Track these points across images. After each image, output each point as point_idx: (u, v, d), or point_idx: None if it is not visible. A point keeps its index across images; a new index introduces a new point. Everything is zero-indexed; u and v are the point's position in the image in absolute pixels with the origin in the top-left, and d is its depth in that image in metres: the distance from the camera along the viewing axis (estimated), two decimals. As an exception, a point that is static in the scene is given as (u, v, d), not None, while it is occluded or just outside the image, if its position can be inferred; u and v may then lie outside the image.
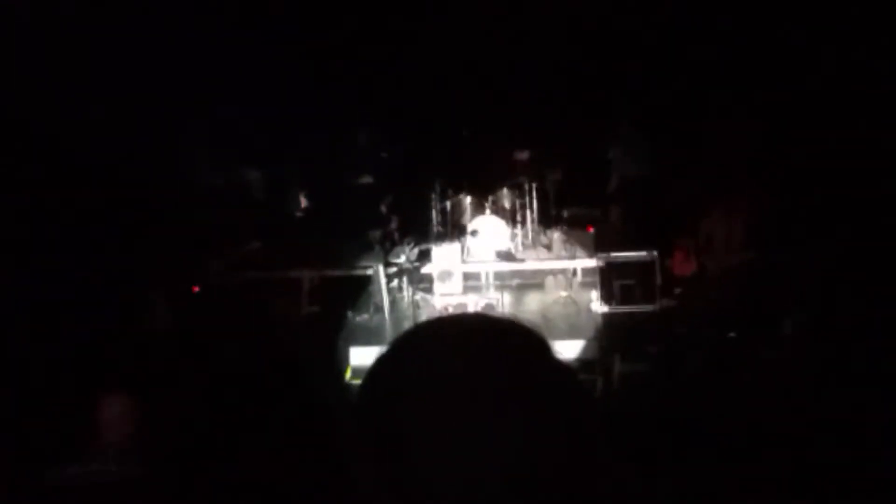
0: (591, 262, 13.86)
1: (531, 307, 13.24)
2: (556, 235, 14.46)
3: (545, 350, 1.57)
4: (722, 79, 16.58)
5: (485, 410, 1.43)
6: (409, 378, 1.49)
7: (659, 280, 13.41)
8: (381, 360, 1.55)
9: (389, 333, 12.29)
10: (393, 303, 13.34)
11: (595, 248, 14.10)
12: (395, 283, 13.59)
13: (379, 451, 1.46)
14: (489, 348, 1.52)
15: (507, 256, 14.10)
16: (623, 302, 13.41)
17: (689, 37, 16.99)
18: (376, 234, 13.84)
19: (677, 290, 13.45)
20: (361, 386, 1.55)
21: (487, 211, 14.21)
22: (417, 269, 13.71)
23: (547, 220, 14.92)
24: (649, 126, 15.41)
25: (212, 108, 16.60)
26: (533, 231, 14.60)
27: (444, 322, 1.64)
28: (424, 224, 14.95)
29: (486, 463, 1.41)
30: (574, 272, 14.06)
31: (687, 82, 16.73)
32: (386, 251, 13.67)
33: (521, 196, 14.48)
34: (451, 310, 12.40)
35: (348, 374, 11.43)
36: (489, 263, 14.16)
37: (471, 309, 12.60)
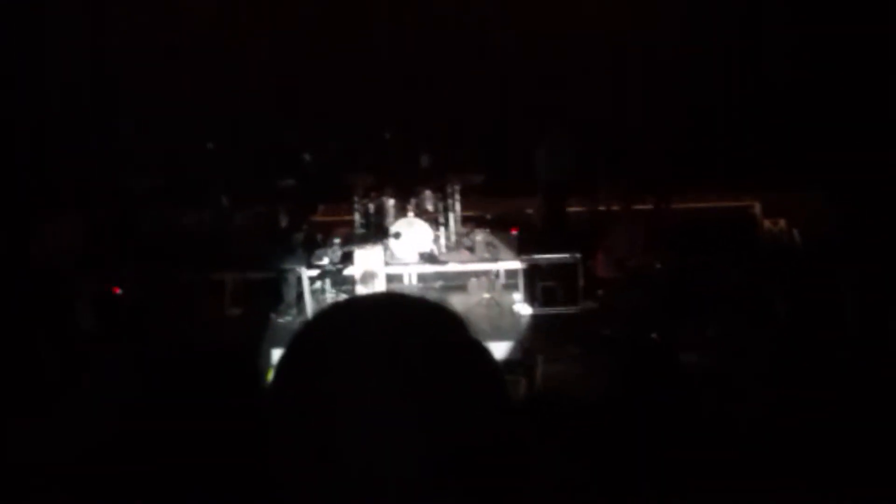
0: (515, 264, 13.90)
1: (454, 309, 13.23)
2: (479, 237, 14.45)
3: (461, 326, 1.57)
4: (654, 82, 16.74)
5: (403, 382, 1.42)
6: (328, 350, 1.48)
7: (581, 282, 13.48)
8: (300, 334, 1.54)
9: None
10: (316, 305, 13.28)
11: (518, 250, 14.13)
12: (317, 284, 13.54)
13: (299, 423, 1.45)
14: (407, 322, 1.52)
15: (429, 258, 14.09)
16: (546, 304, 13.47)
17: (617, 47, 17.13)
18: (299, 235, 13.76)
19: (600, 292, 13.52)
20: (280, 359, 1.54)
21: (410, 213, 14.17)
22: (340, 270, 13.67)
23: (470, 222, 14.91)
24: (574, 129, 15.49)
25: (136, 111, 16.49)
26: (456, 233, 14.59)
27: (362, 298, 1.64)
28: (347, 226, 14.91)
29: (405, 434, 1.41)
30: (497, 274, 14.09)
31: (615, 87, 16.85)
32: (309, 253, 13.60)
33: (444, 198, 14.46)
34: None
35: (270, 376, 11.36)
36: (412, 265, 14.15)
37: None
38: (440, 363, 1.46)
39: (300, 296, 13.33)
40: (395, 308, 1.57)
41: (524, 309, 13.36)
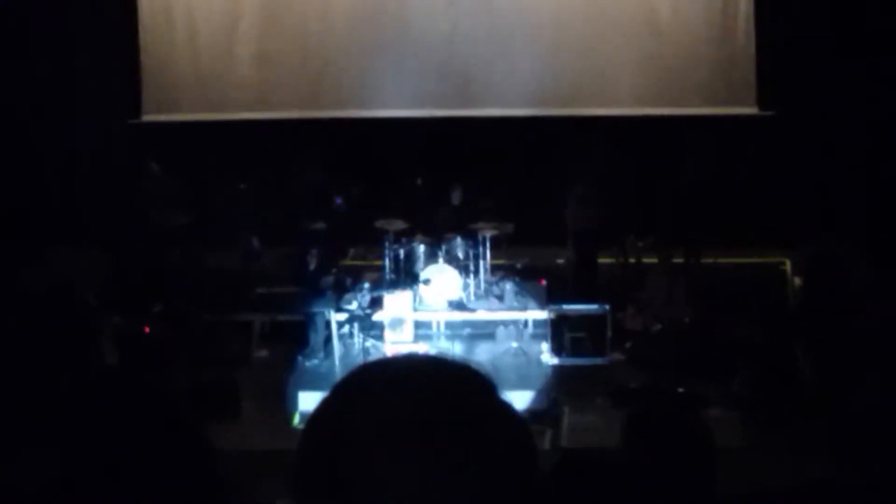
0: (543, 314, 13.87)
1: (481, 357, 13.20)
2: (508, 286, 14.43)
3: (489, 389, 1.55)
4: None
5: (432, 455, 1.41)
6: (354, 420, 1.46)
7: (610, 333, 13.43)
8: (325, 402, 1.52)
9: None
10: (343, 349, 13.29)
11: (547, 299, 14.11)
12: (346, 328, 13.54)
13: (326, 486, 1.44)
14: (435, 387, 1.50)
15: (458, 306, 14.08)
16: (573, 354, 13.42)
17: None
18: (328, 279, 13.76)
19: (628, 344, 13.47)
20: (306, 428, 1.53)
21: (440, 260, 14.18)
22: (369, 315, 13.67)
23: (499, 271, 14.90)
24: (605, 180, 15.49)
25: (166, 153, 16.53)
26: (485, 281, 14.58)
27: (391, 361, 1.61)
28: (377, 270, 14.92)
29: (433, 499, 1.39)
30: (525, 323, 14.06)
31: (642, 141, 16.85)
32: (338, 297, 13.61)
33: (475, 246, 14.46)
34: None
35: (296, 420, 11.36)
36: (441, 312, 14.14)
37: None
38: (468, 429, 1.45)
39: (328, 339, 13.33)
40: (423, 372, 1.55)
41: (551, 359, 13.33)
